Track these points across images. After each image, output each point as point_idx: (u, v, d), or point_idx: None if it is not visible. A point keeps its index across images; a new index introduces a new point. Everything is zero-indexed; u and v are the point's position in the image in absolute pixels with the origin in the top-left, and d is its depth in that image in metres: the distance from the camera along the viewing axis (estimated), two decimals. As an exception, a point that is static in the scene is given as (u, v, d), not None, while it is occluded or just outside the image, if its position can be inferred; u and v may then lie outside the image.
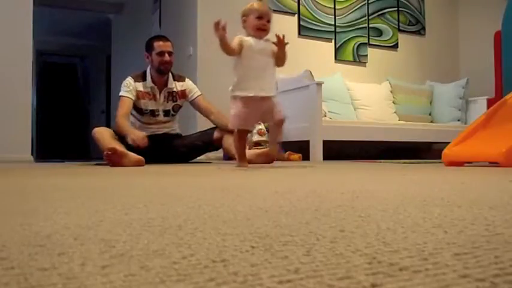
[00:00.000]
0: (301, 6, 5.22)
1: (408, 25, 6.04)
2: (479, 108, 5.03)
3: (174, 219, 0.57)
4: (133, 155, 2.71)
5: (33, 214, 0.64)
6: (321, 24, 5.34)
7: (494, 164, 2.48)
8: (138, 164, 2.68)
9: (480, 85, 5.46)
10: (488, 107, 4.20)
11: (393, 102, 5.23)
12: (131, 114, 3.40)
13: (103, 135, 2.98)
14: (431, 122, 5.33)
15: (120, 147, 2.72)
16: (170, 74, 3.36)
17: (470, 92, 5.37)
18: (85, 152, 9.03)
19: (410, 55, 6.06)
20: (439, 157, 2.71)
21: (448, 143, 2.70)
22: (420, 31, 6.15)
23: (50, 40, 8.30)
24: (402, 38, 5.98)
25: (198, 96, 3.43)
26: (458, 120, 5.23)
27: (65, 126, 9.75)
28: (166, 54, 3.23)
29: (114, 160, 2.65)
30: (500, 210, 0.64)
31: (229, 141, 3.19)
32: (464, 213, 0.61)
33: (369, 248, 0.40)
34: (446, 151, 2.59)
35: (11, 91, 4.04)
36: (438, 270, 0.33)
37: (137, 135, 2.89)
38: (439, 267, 0.34)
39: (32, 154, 4.21)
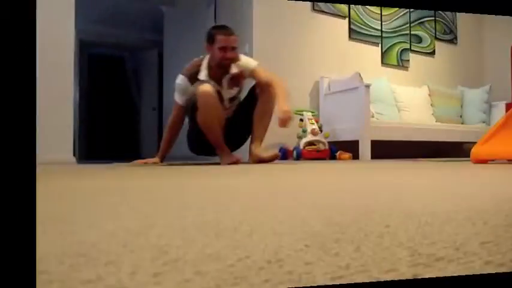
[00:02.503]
0: (351, 10, 5.31)
1: (443, 34, 6.15)
2: (499, 111, 5.42)
3: (229, 221, 0.55)
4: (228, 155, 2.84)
5: (75, 220, 0.58)
6: (369, 29, 5.44)
7: None
8: (234, 163, 2.72)
9: (502, 91, 5.77)
10: (506, 111, 4.63)
11: (431, 104, 5.45)
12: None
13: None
14: (462, 123, 5.59)
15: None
16: None
17: (493, 96, 5.69)
18: (135, 151, 8.11)
19: (445, 62, 6.19)
20: (467, 156, 2.86)
21: (476, 142, 2.85)
22: (453, 40, 6.27)
23: (95, 30, 7.35)
24: (438, 45, 6.11)
25: (251, 70, 2.98)
26: (484, 122, 5.54)
27: (113, 124, 8.88)
28: (230, 50, 2.85)
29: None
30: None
31: (258, 149, 2.94)
32: (487, 205, 0.66)
33: (410, 242, 0.42)
34: (473, 150, 2.74)
35: (51, 85, 3.50)
36: (468, 258, 0.36)
37: (151, 160, 2.96)
38: (468, 255, 0.37)
39: (74, 154, 3.79)
